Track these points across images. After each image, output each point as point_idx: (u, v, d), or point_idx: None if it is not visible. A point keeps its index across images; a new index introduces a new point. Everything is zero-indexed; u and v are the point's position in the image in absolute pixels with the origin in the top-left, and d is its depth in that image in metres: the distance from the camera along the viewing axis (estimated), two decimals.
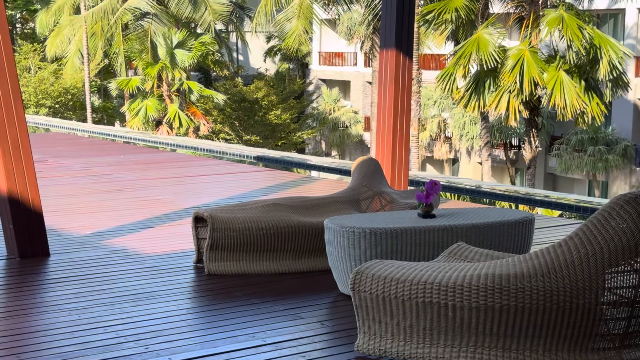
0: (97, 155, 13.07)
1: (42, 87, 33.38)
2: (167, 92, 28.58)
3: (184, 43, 28.06)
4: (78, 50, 31.77)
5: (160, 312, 4.92)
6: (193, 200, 8.92)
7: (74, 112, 34.88)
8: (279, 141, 33.69)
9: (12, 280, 5.89)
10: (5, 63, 6.13)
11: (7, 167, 6.12)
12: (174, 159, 14.05)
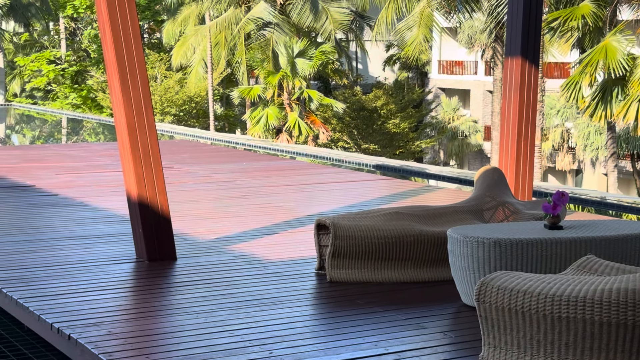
0: (220, 162, 13.34)
1: (168, 96, 34.37)
2: (287, 100, 28.96)
3: (304, 52, 28.38)
4: (202, 59, 32.58)
5: (284, 317, 4.98)
6: (314, 207, 9.00)
7: (197, 120, 35.76)
8: (397, 150, 33.62)
9: (142, 282, 6.08)
10: (137, 71, 6.34)
11: (137, 172, 6.32)
12: (294, 167, 14.21)
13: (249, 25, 30.22)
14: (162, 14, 39.58)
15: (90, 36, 42.21)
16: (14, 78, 46.99)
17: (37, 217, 8.32)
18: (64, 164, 12.30)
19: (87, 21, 43.98)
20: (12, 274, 5.89)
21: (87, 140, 22.59)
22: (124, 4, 6.28)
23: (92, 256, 6.54)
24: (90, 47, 42.84)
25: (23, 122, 28.84)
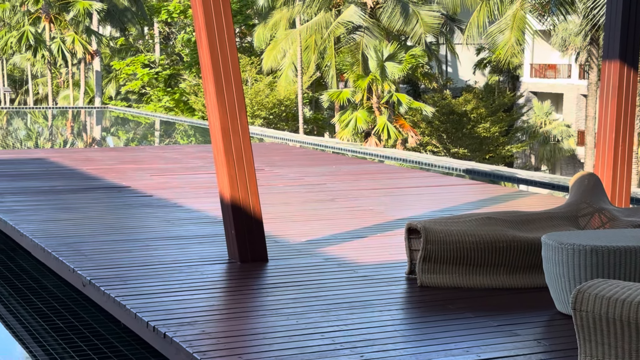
0: (309, 165, 13.41)
1: (258, 99, 34.77)
2: (376, 104, 28.94)
3: (394, 55, 28.31)
4: (292, 63, 32.85)
5: (375, 321, 4.97)
6: (403, 211, 8.96)
7: (287, 123, 36.06)
8: (486, 154, 33.22)
9: (234, 283, 6.16)
10: (232, 75, 6.43)
11: (230, 174, 6.41)
12: (382, 170, 14.18)
13: (339, 29, 30.32)
14: (254, 18, 40.07)
15: (183, 40, 43.06)
16: (110, 81, 48.28)
17: (132, 217, 8.53)
18: (158, 165, 12.56)
19: (180, 26, 44.86)
20: (109, 272, 6.05)
21: (179, 143, 23.02)
22: (219, 8, 6.39)
23: (185, 257, 6.66)
24: (183, 51, 43.69)
25: (118, 124, 29.58)
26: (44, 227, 7.59)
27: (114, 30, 50.24)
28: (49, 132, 26.85)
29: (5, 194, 9.32)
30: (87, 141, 24.25)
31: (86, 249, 6.76)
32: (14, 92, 65.81)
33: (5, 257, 8.35)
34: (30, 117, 31.18)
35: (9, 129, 27.34)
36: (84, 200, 9.30)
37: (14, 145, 21.79)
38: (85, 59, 41.95)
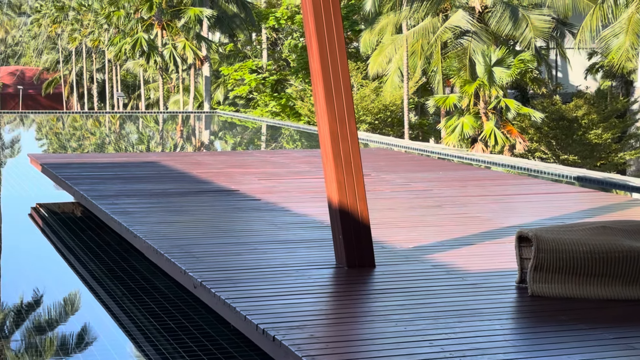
0: (415, 171, 13.34)
1: (364, 104, 34.81)
2: (483, 109, 28.56)
3: (502, 60, 27.88)
4: (398, 68, 32.76)
5: (484, 330, 4.90)
6: (512, 219, 8.81)
7: (392, 128, 35.97)
8: (598, 161, 32.32)
9: (341, 288, 6.18)
10: (341, 80, 6.46)
11: (339, 179, 6.44)
12: (490, 177, 13.98)
13: (446, 34, 30.07)
14: (360, 24, 40.15)
15: (290, 46, 43.50)
16: (219, 87, 49.22)
17: (241, 220, 8.66)
18: (265, 169, 12.72)
19: (287, 32, 45.34)
20: (219, 275, 6.15)
21: (285, 147, 23.26)
22: (330, 14, 6.42)
23: (293, 260, 6.71)
24: (290, 56, 44.14)
25: (226, 128, 30.09)
26: (157, 229, 7.78)
27: (223, 36, 51.21)
28: (160, 136, 27.55)
29: (120, 196, 9.61)
30: (196, 145, 24.77)
31: (197, 251, 6.89)
32: (127, 97, 67.87)
33: (119, 258, 8.60)
34: (142, 121, 32.07)
35: (122, 133, 28.18)
36: (194, 203, 9.50)
37: (127, 149, 22.43)
38: (195, 64, 42.88)
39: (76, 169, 12.06)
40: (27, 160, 14.32)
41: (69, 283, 8.07)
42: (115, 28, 49.65)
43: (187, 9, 41.00)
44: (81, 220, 10.69)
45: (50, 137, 25.54)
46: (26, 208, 11.61)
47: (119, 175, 11.56)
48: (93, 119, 32.43)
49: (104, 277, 8.04)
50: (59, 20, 66.90)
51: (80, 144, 23.47)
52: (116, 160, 14.06)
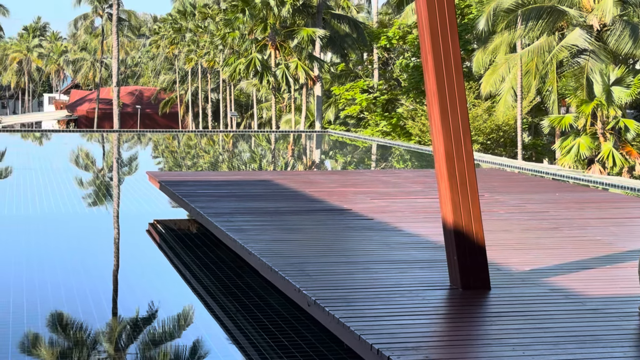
0: (529, 192, 13.06)
1: (476, 124, 34.44)
2: (601, 130, 27.82)
3: (621, 80, 27.11)
4: (511, 88, 32.29)
5: (606, 357, 4.74)
6: (634, 243, 8.51)
7: (504, 148, 35.44)
8: None
9: (456, 310, 6.09)
10: (457, 100, 6.40)
11: (454, 200, 6.36)
12: (608, 199, 13.56)
13: (562, 53, 29.47)
14: (472, 43, 39.80)
15: (401, 66, 43.49)
16: (330, 106, 49.60)
17: (354, 240, 8.66)
18: (377, 189, 12.70)
19: (399, 51, 45.37)
20: (333, 293, 6.16)
21: (395, 167, 23.20)
22: (446, 34, 6.38)
23: (406, 281, 6.66)
24: (401, 76, 44.13)
25: (337, 148, 30.26)
26: (271, 247, 7.87)
27: (334, 56, 51.63)
28: (272, 155, 27.93)
29: (235, 214, 9.76)
30: (307, 164, 24.99)
31: (311, 269, 6.93)
32: (240, 116, 69.18)
33: (234, 275, 8.73)
34: (254, 140, 32.60)
35: (235, 151, 28.70)
36: (307, 222, 9.56)
37: (240, 167, 22.83)
38: (307, 84, 43.36)
39: (192, 187, 12.33)
40: (145, 177, 14.74)
41: (184, 298, 8.23)
42: (230, 49, 50.75)
43: (300, 29, 41.55)
44: (196, 237, 10.91)
45: (166, 155, 26.24)
46: (144, 224, 11.94)
47: (233, 193, 11.75)
48: (207, 137, 33.16)
49: (218, 293, 8.17)
50: (176, 41, 68.89)
51: (195, 161, 24.01)
52: (230, 179, 14.32)
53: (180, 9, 68.44)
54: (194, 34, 64.22)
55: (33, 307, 7.42)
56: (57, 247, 10.61)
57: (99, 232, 11.80)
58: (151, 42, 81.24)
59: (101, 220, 12.88)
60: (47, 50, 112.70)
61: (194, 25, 63.43)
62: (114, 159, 24.12)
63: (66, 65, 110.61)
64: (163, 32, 73.90)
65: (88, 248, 10.52)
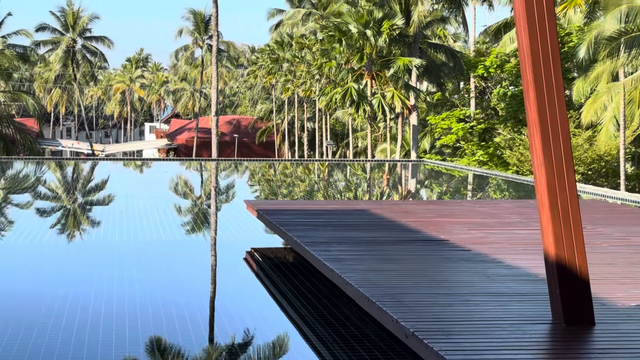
0: (634, 225, 12.67)
1: (576, 154, 33.74)
2: None
3: None
4: (614, 117, 31.54)
5: None
6: None
7: (606, 179, 34.58)
8: None
9: (559, 345, 5.92)
10: (559, 130, 6.27)
11: (556, 232, 6.21)
12: None
13: None
14: (573, 71, 39.09)
15: (499, 95, 43.03)
16: (425, 135, 49.40)
17: (452, 271, 8.55)
18: (474, 219, 12.53)
19: (496, 80, 44.93)
20: (432, 325, 6.07)
21: (493, 197, 22.87)
22: (549, 63, 6.27)
23: (507, 314, 6.52)
24: (498, 105, 43.65)
25: (432, 177, 30.06)
26: (368, 277, 7.83)
27: (431, 85, 51.47)
28: (368, 184, 27.93)
29: (332, 243, 9.77)
30: (403, 193, 24.89)
31: (408, 300, 6.86)
32: (336, 145, 69.54)
33: (330, 304, 8.72)
34: (349, 169, 32.68)
35: (331, 181, 28.82)
36: (404, 252, 9.49)
37: (336, 196, 22.90)
38: (403, 113, 43.33)
39: (289, 216, 12.41)
40: (242, 205, 14.92)
41: (280, 326, 8.26)
42: (327, 78, 51.19)
43: (396, 59, 41.61)
44: (293, 265, 10.96)
45: (263, 184, 26.54)
46: (241, 252, 12.07)
47: (330, 223, 11.77)
48: (303, 166, 33.42)
49: (314, 322, 8.17)
50: (274, 71, 69.91)
51: (291, 190, 24.21)
52: (327, 208, 14.35)
53: (278, 39, 69.50)
54: (291, 64, 65.06)
55: (134, 332, 7.57)
56: (157, 273, 10.82)
57: (197, 259, 11.99)
58: (249, 72, 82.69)
59: (199, 248, 13.09)
60: (149, 80, 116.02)
61: (291, 55, 64.27)
62: (212, 187, 24.54)
63: (167, 95, 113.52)
64: (261, 62, 75.13)
65: (187, 275, 10.69)
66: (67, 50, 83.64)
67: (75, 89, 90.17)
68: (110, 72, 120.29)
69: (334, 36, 43.30)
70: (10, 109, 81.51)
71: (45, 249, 12.41)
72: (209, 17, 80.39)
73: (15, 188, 22.59)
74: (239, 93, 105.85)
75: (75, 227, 15.13)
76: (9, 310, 8.47)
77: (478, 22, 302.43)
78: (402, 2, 44.07)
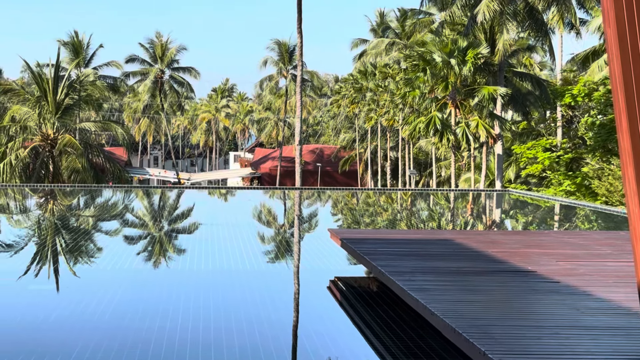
0: None
1: None
2: None
3: None
4: None
5: None
6: None
7: None
8: None
9: None
10: None
11: None
12: None
13: None
14: None
15: (587, 124, 42.23)
16: (510, 165, 48.76)
17: (540, 303, 8.35)
18: (562, 250, 12.26)
19: (584, 109, 44.12)
20: (520, 358, 5.93)
21: (581, 228, 22.36)
22: None
23: (598, 349, 6.33)
24: (586, 134, 42.82)
25: (517, 207, 29.59)
26: (454, 308, 7.71)
27: (516, 114, 50.87)
28: (451, 214, 27.66)
29: (416, 273, 9.67)
30: (488, 223, 24.55)
31: (495, 332, 6.72)
32: (419, 175, 69.23)
33: (415, 335, 8.61)
34: (433, 198, 32.44)
35: (414, 210, 28.65)
36: (490, 283, 9.33)
37: (419, 225, 22.73)
38: (487, 142, 42.90)
39: (372, 244, 12.36)
40: (324, 234, 14.94)
41: (364, 355, 8.20)
42: (410, 107, 51.10)
43: (481, 87, 41.29)
44: (377, 295, 10.89)
45: (346, 212, 26.54)
46: (325, 280, 12.06)
47: (414, 252, 11.67)
48: (386, 195, 33.33)
49: (399, 353, 8.07)
50: (357, 101, 70.20)
51: (373, 219, 24.14)
52: (410, 237, 14.25)
53: (362, 69, 69.82)
54: (374, 93, 65.22)
55: (220, 357, 7.62)
56: (241, 299, 10.89)
57: (280, 287, 12.02)
58: (332, 102, 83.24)
59: (283, 276, 13.13)
60: (234, 110, 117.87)
61: (375, 84, 64.45)
62: (295, 215, 24.66)
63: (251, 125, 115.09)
64: (344, 91, 75.56)
65: (271, 302, 10.72)
66: (155, 81, 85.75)
67: (163, 119, 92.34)
68: (196, 102, 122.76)
69: (417, 65, 43.25)
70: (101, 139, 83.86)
71: (131, 275, 12.63)
72: (293, 47, 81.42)
73: (105, 215, 23.13)
74: (322, 122, 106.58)
75: (160, 254, 15.37)
76: (96, 332, 8.62)
77: (565, 50, 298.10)
78: (487, 30, 43.79)
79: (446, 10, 45.09)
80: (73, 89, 53.30)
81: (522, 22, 43.71)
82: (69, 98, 51.46)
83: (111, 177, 51.76)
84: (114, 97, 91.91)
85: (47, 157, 48.77)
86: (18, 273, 12.49)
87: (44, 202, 27.13)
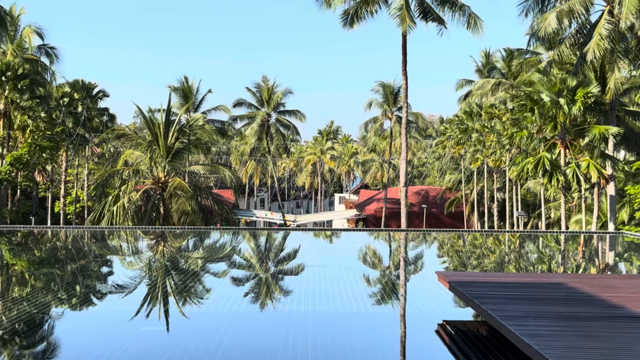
0: None
1: None
2: None
3: None
4: None
5: None
6: None
7: None
8: None
9: None
10: None
11: None
12: None
13: None
14: None
15: None
16: (623, 206, 47.27)
17: None
18: None
19: None
20: None
21: None
22: None
23: None
24: None
25: (633, 250, 28.59)
26: (569, 354, 7.44)
27: (629, 154, 49.41)
28: (562, 257, 26.92)
29: (528, 318, 9.40)
30: (601, 267, 23.77)
31: None
32: (527, 216, 67.90)
33: None
34: (542, 240, 31.67)
35: (522, 252, 28.02)
36: (607, 329, 8.98)
37: (528, 268, 22.19)
38: (599, 183, 41.75)
39: (482, 288, 12.10)
40: (431, 276, 14.73)
41: None
42: (517, 148, 50.31)
43: (591, 127, 40.34)
44: (487, 339, 10.63)
45: (452, 255, 26.16)
46: (433, 324, 11.85)
47: (525, 296, 11.36)
48: (493, 237, 32.74)
49: None
50: (463, 142, 69.60)
51: (481, 262, 23.70)
52: (521, 280, 13.90)
53: (467, 109, 69.31)
54: (480, 134, 64.57)
55: None
56: (348, 342, 10.80)
57: (387, 330, 11.88)
58: (437, 143, 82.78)
59: (389, 319, 12.98)
60: (339, 152, 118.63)
61: (481, 125, 63.83)
62: (401, 258, 24.45)
63: (356, 166, 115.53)
64: (449, 132, 75.09)
65: (379, 345, 10.60)
66: (262, 124, 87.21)
67: (269, 161, 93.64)
68: (301, 144, 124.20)
69: (525, 105, 42.61)
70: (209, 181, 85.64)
71: (239, 317, 12.72)
72: (398, 89, 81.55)
73: (213, 257, 23.48)
74: (427, 163, 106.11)
75: (267, 295, 15.45)
76: None
77: None
78: (597, 69, 42.87)
79: (554, 50, 44.38)
80: (183, 133, 54.72)
81: (634, 59, 42.61)
82: (179, 142, 52.82)
83: (219, 219, 52.63)
84: (221, 141, 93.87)
85: (158, 199, 50.03)
86: (130, 314, 12.76)
87: (155, 244, 27.77)
